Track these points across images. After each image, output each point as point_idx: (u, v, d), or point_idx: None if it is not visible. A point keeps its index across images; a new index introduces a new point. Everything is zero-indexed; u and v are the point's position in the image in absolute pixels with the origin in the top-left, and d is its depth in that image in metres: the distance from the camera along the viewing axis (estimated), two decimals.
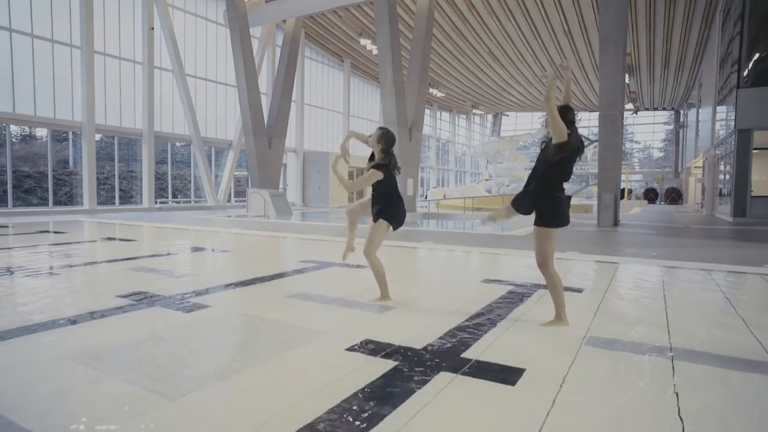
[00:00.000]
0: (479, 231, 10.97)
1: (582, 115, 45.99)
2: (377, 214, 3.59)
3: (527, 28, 22.03)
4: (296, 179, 25.40)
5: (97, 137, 16.59)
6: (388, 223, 3.61)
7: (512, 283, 4.43)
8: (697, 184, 24.56)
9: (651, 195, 36.50)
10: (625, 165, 36.22)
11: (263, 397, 2.00)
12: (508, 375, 2.25)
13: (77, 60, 15.71)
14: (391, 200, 3.62)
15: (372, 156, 3.71)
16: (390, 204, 3.61)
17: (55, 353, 2.50)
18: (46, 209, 15.11)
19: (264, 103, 18.87)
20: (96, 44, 16.09)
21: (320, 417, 1.80)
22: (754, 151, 14.27)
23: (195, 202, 20.37)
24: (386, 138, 3.60)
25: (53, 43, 15.23)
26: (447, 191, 32.92)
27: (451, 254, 6.63)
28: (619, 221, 12.16)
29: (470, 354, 2.55)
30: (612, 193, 11.45)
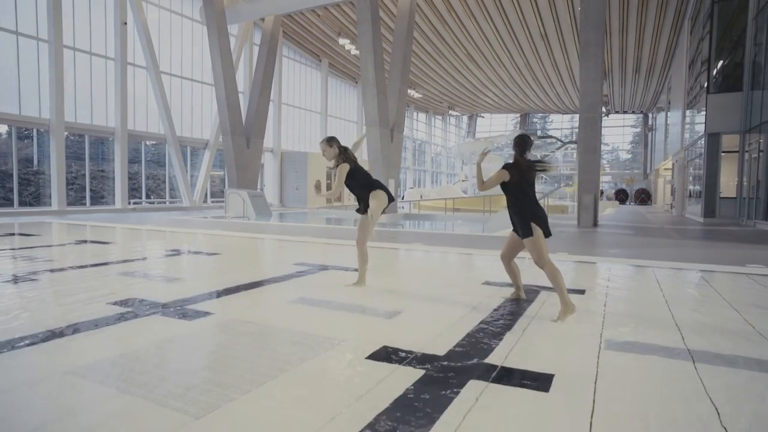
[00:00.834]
0: (467, 232, 11.03)
1: (554, 117, 47.01)
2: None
3: (504, 31, 22.32)
4: (273, 180, 25.03)
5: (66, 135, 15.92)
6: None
7: (510, 285, 4.42)
8: (667, 186, 25.39)
9: (621, 196, 37.60)
10: None
11: (295, 411, 1.90)
12: (539, 381, 2.21)
13: (45, 54, 15.02)
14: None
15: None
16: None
17: (54, 369, 2.32)
18: (11, 210, 14.40)
19: (241, 102, 18.50)
20: (65, 38, 15.43)
21: None
22: (722, 154, 14.84)
23: (170, 203, 19.80)
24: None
25: (17, 36, 14.52)
26: (424, 192, 33.08)
27: (444, 256, 6.60)
28: (598, 222, 12.43)
29: (494, 360, 2.51)
30: (592, 194, 11.68)
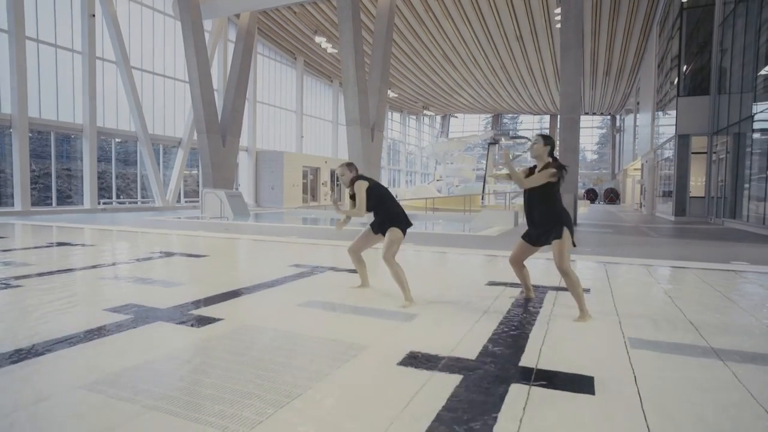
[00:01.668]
0: (457, 232, 11.06)
1: (524, 118, 47.90)
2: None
3: (481, 32, 22.55)
4: (248, 179, 24.55)
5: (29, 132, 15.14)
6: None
7: (516, 285, 4.42)
8: (636, 186, 26.22)
9: (591, 195, 38.66)
10: None
11: (344, 423, 1.80)
12: (581, 384, 2.18)
13: (5, 46, 14.23)
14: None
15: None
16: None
17: (69, 383, 2.14)
18: None
19: (216, 100, 18.03)
20: (28, 29, 14.67)
21: None
22: (691, 155, 15.41)
23: (142, 203, 19.12)
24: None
25: None
26: (399, 192, 33.14)
27: (439, 256, 6.57)
28: (577, 221, 12.70)
29: (527, 362, 2.47)
30: (572, 194, 11.91)
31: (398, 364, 2.42)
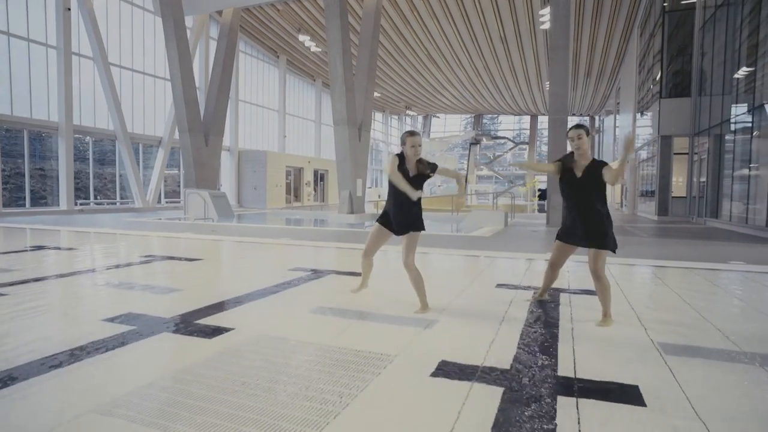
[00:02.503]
0: (452, 233, 11.00)
1: (503, 119, 48.37)
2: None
3: (465, 32, 22.59)
4: (231, 179, 24.11)
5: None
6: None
7: (526, 287, 4.35)
8: (617, 185, 26.68)
9: None
10: None
11: None
12: (628, 394, 2.10)
13: None
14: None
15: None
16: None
17: (77, 407, 1.94)
18: None
19: (198, 98, 17.60)
20: None
21: None
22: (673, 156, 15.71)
23: (121, 203, 18.53)
24: None
25: None
26: (382, 192, 33.05)
27: (441, 258, 6.46)
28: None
29: (564, 371, 2.37)
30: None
31: (431, 375, 2.30)
